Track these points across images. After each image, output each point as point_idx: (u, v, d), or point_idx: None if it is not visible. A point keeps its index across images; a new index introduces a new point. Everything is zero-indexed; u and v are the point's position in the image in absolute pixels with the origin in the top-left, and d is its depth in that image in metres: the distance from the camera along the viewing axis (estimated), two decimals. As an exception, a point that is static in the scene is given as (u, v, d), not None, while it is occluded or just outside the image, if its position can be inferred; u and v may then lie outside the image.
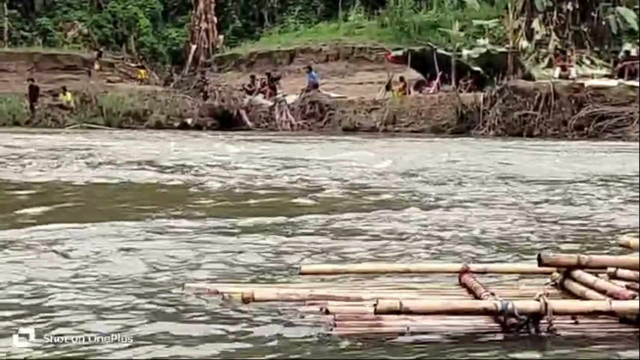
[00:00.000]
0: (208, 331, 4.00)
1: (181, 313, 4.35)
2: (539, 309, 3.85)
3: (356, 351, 3.73)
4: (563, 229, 7.95)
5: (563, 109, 26.75)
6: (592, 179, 13.26)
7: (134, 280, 5.24)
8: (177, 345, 3.77)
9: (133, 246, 6.47)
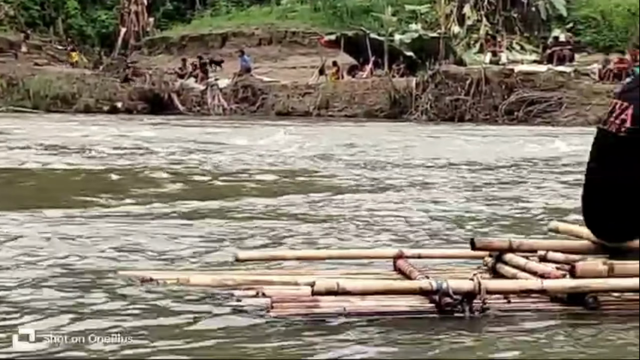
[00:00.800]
0: (143, 318, 3.99)
1: (114, 301, 4.30)
2: (472, 289, 3.92)
3: (293, 332, 3.76)
4: (497, 213, 8.06)
5: (494, 94, 27.03)
6: (524, 163, 13.46)
7: (62, 266, 5.17)
8: (111, 332, 3.74)
9: (62, 232, 6.39)
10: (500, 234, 6.31)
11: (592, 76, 26.69)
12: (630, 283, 4.08)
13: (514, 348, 3.58)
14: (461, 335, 3.73)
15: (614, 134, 4.51)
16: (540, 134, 20.74)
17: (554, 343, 3.67)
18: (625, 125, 4.46)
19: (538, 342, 3.67)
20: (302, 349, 3.57)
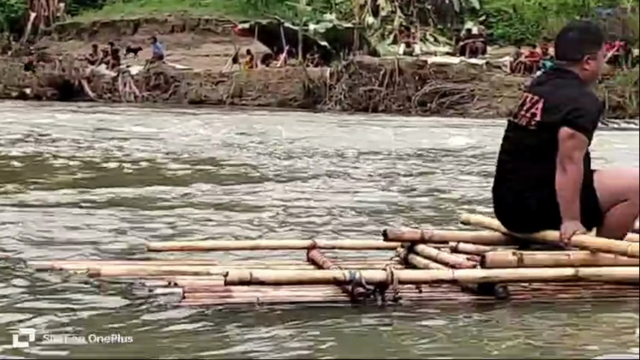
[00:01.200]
0: (52, 310, 3.92)
1: (23, 293, 4.22)
2: (385, 279, 3.95)
3: (205, 322, 3.74)
4: (410, 203, 8.14)
5: (407, 85, 27.20)
6: (437, 154, 13.59)
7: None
8: (21, 323, 3.69)
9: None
10: (413, 225, 6.36)
11: (504, 69, 27.06)
12: (539, 273, 4.16)
13: (424, 337, 3.62)
14: (373, 324, 3.75)
15: (524, 127, 4.59)
16: (453, 125, 20.96)
17: (464, 332, 3.72)
18: (535, 118, 4.54)
19: (447, 330, 3.72)
20: (214, 339, 3.55)
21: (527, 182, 4.56)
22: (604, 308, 4.07)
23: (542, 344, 3.56)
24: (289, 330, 3.64)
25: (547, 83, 4.67)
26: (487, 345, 3.57)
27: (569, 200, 4.43)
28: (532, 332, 3.70)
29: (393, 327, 3.75)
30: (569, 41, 4.67)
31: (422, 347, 3.50)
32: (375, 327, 3.74)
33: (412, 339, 3.59)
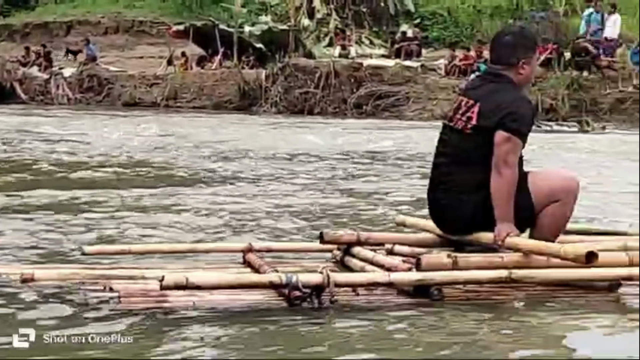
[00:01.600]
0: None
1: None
2: (321, 282, 3.96)
3: (141, 326, 3.72)
4: (347, 206, 8.16)
5: (343, 87, 27.27)
6: (373, 156, 13.65)
7: None
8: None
9: None
10: (349, 227, 6.38)
11: (439, 71, 27.26)
12: (473, 275, 4.20)
13: (359, 339, 3.64)
14: (309, 327, 3.76)
15: (460, 131, 4.63)
16: (389, 128, 21.06)
17: (399, 334, 3.74)
18: (471, 122, 4.59)
19: (382, 332, 3.74)
20: (150, 343, 3.53)
21: (462, 185, 4.61)
22: (536, 309, 4.12)
23: (474, 345, 3.60)
24: (225, 333, 3.64)
25: (482, 87, 4.72)
26: (421, 347, 3.60)
27: (504, 203, 4.49)
28: (465, 333, 3.74)
29: (329, 330, 3.76)
30: (505, 45, 4.72)
31: (357, 348, 3.52)
32: (311, 329, 3.74)
33: (348, 341, 3.60)
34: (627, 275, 4.27)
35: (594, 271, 4.22)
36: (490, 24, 30.58)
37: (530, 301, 4.24)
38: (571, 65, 25.04)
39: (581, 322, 3.97)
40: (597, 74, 24.87)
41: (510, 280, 4.19)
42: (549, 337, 3.77)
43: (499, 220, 4.50)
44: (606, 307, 4.18)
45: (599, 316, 4.04)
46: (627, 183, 10.25)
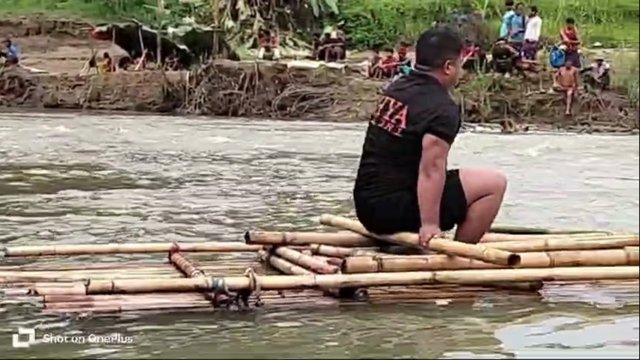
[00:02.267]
0: None
1: None
2: (248, 285, 3.96)
3: (66, 330, 3.68)
4: (273, 206, 8.18)
5: (267, 89, 27.25)
6: (300, 157, 13.66)
7: None
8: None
9: None
10: (276, 228, 6.40)
11: (363, 73, 27.38)
12: (398, 277, 4.24)
13: (287, 341, 3.66)
14: (235, 330, 3.76)
15: (389, 133, 4.67)
16: (313, 129, 21.11)
17: (326, 335, 3.76)
18: (400, 125, 4.63)
19: (310, 335, 3.75)
20: (76, 347, 3.51)
21: (391, 185, 4.65)
22: (460, 310, 4.18)
23: (400, 346, 3.63)
24: (151, 337, 3.62)
25: (409, 88, 4.76)
26: (347, 349, 3.63)
27: (430, 206, 4.54)
28: (390, 334, 3.77)
29: (256, 332, 3.76)
30: (431, 46, 4.77)
31: (282, 351, 3.54)
32: (237, 332, 3.74)
33: (274, 344, 3.62)
34: (548, 276, 4.35)
35: (516, 272, 4.28)
36: (413, 26, 30.88)
37: (454, 302, 4.29)
38: (493, 67, 25.36)
39: (503, 323, 4.04)
40: (518, 75, 25.24)
41: (434, 281, 4.23)
42: (472, 338, 3.82)
43: (424, 221, 4.55)
44: (528, 307, 4.24)
45: (521, 317, 4.11)
46: (547, 183, 10.45)
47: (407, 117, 4.62)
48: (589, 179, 11.33)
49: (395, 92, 4.83)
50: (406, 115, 4.62)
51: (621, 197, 9.27)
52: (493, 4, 30.42)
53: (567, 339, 3.76)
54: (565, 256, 4.46)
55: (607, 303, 4.35)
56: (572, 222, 7.34)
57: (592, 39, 28.54)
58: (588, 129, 22.75)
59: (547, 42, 27.21)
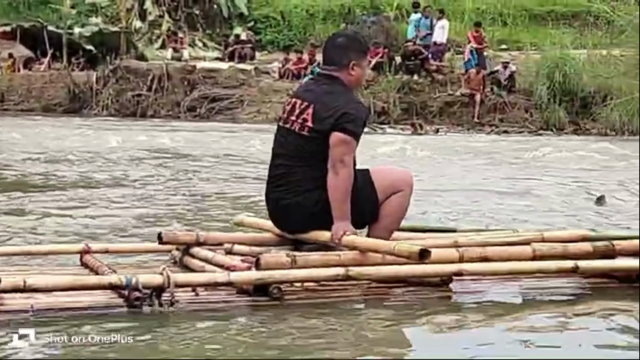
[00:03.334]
0: None
1: None
2: (162, 283, 3.95)
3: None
4: (188, 206, 8.18)
5: (176, 90, 27.10)
6: (212, 158, 13.64)
7: None
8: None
9: None
10: (189, 228, 6.38)
11: (272, 74, 27.39)
12: (311, 273, 4.27)
13: (200, 339, 3.66)
14: (148, 328, 3.76)
15: (297, 133, 4.71)
16: (223, 130, 21.04)
17: (239, 333, 3.78)
18: (307, 124, 4.67)
19: (223, 333, 3.77)
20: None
21: (303, 185, 4.69)
22: (372, 306, 4.23)
23: (312, 343, 3.67)
24: (62, 336, 3.59)
25: (315, 89, 4.81)
26: (260, 346, 3.65)
27: (341, 202, 4.59)
28: (303, 331, 3.80)
29: (168, 331, 3.76)
30: (337, 47, 4.83)
31: (198, 349, 3.54)
32: (151, 330, 3.73)
33: (190, 342, 3.61)
34: (457, 270, 4.43)
35: (427, 268, 4.35)
36: (323, 28, 30.99)
37: (367, 299, 4.34)
38: (402, 69, 25.59)
39: (414, 319, 4.10)
40: (427, 77, 25.52)
41: (347, 277, 4.27)
42: (383, 333, 3.88)
43: (336, 219, 4.59)
44: (438, 304, 4.32)
45: (431, 314, 4.17)
46: (455, 182, 10.62)
47: (313, 116, 4.67)
48: (494, 179, 11.55)
49: (301, 94, 4.88)
50: (312, 114, 4.67)
51: (526, 195, 9.48)
52: (402, 7, 30.72)
53: (474, 336, 3.84)
54: (474, 252, 4.54)
55: (515, 299, 4.47)
56: (479, 221, 7.48)
57: (498, 42, 29.00)
58: (497, 131, 23.13)
59: (455, 45, 27.56)
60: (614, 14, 25.31)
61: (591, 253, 4.77)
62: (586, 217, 7.94)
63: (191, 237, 4.84)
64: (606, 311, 4.27)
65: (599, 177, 11.86)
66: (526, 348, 3.68)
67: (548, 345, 3.72)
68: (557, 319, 4.13)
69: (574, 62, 24.00)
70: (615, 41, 25.19)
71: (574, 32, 27.39)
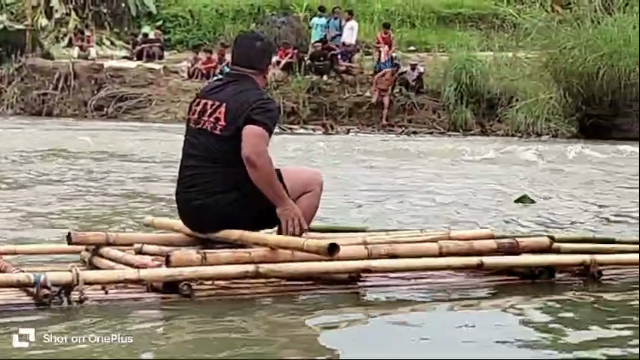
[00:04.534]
0: None
1: None
2: (70, 280, 3.93)
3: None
4: (101, 207, 8.12)
5: (83, 89, 26.80)
6: (121, 158, 13.52)
7: None
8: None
9: None
10: (99, 228, 6.34)
11: (181, 74, 27.23)
12: (222, 270, 4.29)
13: (107, 335, 3.64)
14: (57, 325, 3.74)
15: (209, 132, 4.72)
16: (131, 130, 20.88)
17: (149, 331, 3.80)
18: (220, 123, 4.70)
19: (132, 330, 3.76)
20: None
21: (215, 186, 4.71)
22: (281, 303, 4.28)
23: (215, 339, 3.70)
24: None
25: (227, 88, 4.84)
26: (165, 344, 3.66)
27: (273, 188, 4.65)
28: (212, 329, 3.83)
29: (77, 328, 3.73)
30: (257, 51, 4.91)
31: (106, 348, 3.53)
32: (59, 328, 3.71)
33: (95, 340, 3.59)
34: (365, 267, 4.50)
35: (335, 264, 4.42)
36: (233, 27, 30.87)
37: (277, 295, 4.38)
38: (311, 70, 25.70)
39: (322, 315, 4.16)
40: (336, 78, 25.66)
41: (257, 274, 4.30)
42: (290, 329, 3.93)
43: (277, 205, 4.66)
44: (346, 300, 4.38)
45: (339, 308, 4.24)
46: (366, 183, 10.71)
47: (226, 115, 4.70)
48: (403, 178, 11.69)
49: (212, 94, 4.89)
50: (225, 113, 4.71)
51: (435, 195, 9.62)
52: (312, 7, 30.80)
53: (380, 333, 3.91)
54: (382, 248, 4.62)
55: (422, 296, 4.55)
56: (388, 220, 7.57)
57: (407, 43, 29.27)
58: (407, 131, 23.37)
59: (365, 46, 27.76)
60: (519, 17, 25.71)
61: (495, 250, 4.89)
62: (496, 217, 8.09)
63: (101, 238, 4.81)
64: (509, 306, 4.39)
65: (506, 177, 12.09)
66: (431, 344, 3.76)
67: (454, 341, 3.80)
68: (464, 315, 4.22)
69: (481, 64, 24.37)
70: (521, 44, 25.56)
71: (481, 35, 27.73)
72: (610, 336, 3.91)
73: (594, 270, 4.94)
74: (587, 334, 3.95)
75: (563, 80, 22.84)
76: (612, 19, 23.21)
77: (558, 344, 3.80)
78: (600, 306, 4.47)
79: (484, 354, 3.61)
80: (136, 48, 29.79)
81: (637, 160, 13.87)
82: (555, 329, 4.04)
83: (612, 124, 22.57)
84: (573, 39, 23.00)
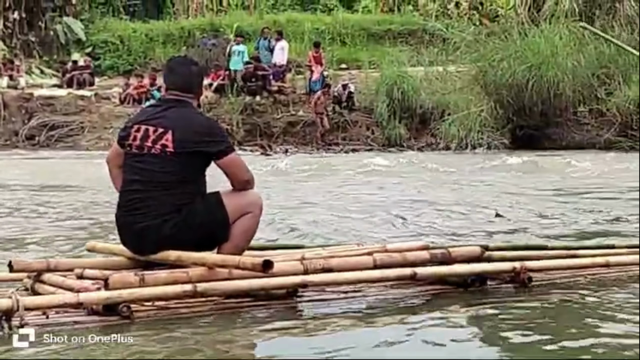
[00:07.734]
0: None
1: None
2: (11, 306, 3.96)
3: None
4: (38, 232, 8.07)
5: (13, 119, 26.54)
6: (58, 187, 13.43)
7: None
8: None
9: None
10: (41, 255, 6.34)
11: (113, 100, 27.11)
12: (160, 291, 4.34)
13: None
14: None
15: (155, 157, 4.79)
16: (65, 158, 20.71)
17: (85, 353, 3.81)
18: (168, 149, 4.78)
19: (69, 354, 3.78)
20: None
21: (158, 210, 4.77)
22: (220, 321, 4.34)
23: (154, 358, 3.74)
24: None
25: (168, 114, 4.91)
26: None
27: None
28: (148, 349, 3.86)
29: (16, 355, 3.75)
30: (194, 76, 5.07)
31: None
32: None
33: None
34: (301, 282, 4.59)
35: (271, 280, 4.50)
36: (164, 51, 30.85)
37: (216, 313, 4.44)
38: (243, 91, 25.74)
39: (261, 332, 4.22)
40: (269, 98, 25.74)
41: (195, 293, 4.37)
42: (229, 345, 3.98)
43: None
44: (285, 317, 4.44)
45: (278, 323, 4.30)
46: (304, 201, 10.80)
47: (174, 141, 4.78)
48: (341, 195, 11.80)
49: (152, 120, 4.94)
50: (172, 140, 4.78)
51: (372, 211, 9.72)
52: (242, 28, 30.89)
53: (317, 346, 3.96)
54: (318, 263, 4.71)
55: (358, 308, 4.65)
56: (327, 236, 7.65)
57: (338, 61, 29.46)
58: (345, 149, 23.47)
59: (296, 65, 27.88)
60: (448, 32, 26.02)
61: (429, 260, 5.02)
62: (433, 229, 8.20)
63: (42, 265, 4.85)
64: (441, 315, 4.50)
65: (441, 190, 12.26)
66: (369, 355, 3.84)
67: (392, 351, 3.89)
68: (400, 326, 4.30)
69: (412, 79, 24.58)
70: (451, 58, 25.84)
71: (411, 50, 28.02)
72: (532, 340, 4.04)
73: (524, 277, 5.08)
74: (516, 337, 4.08)
75: (493, 93, 23.12)
76: (538, 30, 23.60)
77: (489, 349, 3.93)
78: (528, 310, 4.61)
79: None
80: (66, 76, 29.56)
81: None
82: (485, 335, 4.16)
83: (542, 133, 22.90)
84: (501, 51, 23.32)
